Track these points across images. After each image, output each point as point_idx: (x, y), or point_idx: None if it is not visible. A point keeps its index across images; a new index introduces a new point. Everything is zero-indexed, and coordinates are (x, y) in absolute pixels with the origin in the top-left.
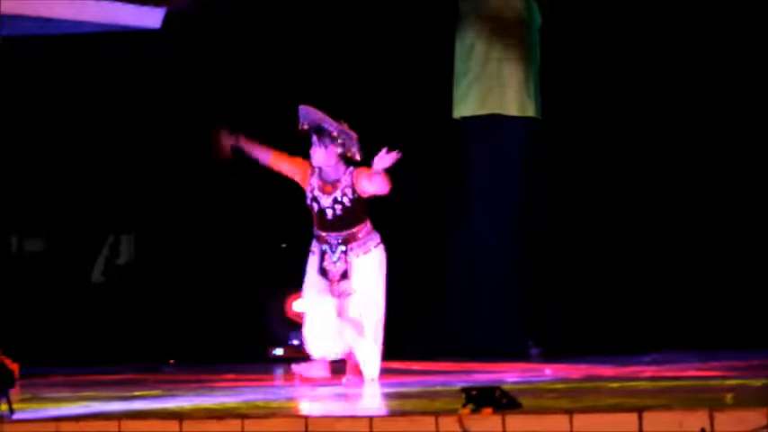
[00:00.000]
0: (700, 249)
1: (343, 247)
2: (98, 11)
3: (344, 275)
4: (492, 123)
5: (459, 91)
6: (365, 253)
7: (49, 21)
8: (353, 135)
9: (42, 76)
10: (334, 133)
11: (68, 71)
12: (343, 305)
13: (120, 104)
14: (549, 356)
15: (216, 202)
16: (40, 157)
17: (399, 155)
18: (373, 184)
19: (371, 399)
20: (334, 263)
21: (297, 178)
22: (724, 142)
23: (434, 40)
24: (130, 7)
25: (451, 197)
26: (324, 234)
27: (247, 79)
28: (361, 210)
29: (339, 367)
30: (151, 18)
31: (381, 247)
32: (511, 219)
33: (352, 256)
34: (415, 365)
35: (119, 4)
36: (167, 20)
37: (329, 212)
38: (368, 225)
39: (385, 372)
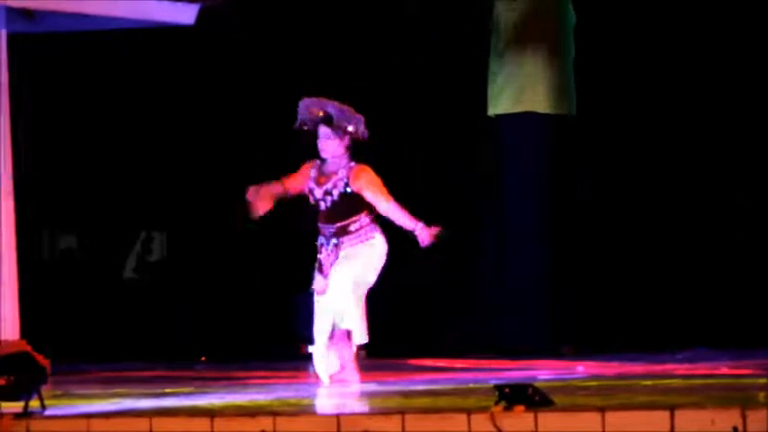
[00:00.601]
0: (733, 246)
1: (335, 240)
2: (132, 7)
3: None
4: (526, 121)
5: (493, 88)
6: (354, 246)
7: (83, 17)
8: (362, 118)
9: (77, 73)
10: (350, 126)
11: (103, 68)
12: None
13: (155, 101)
14: (582, 354)
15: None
16: (72, 153)
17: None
18: (389, 213)
19: (403, 396)
20: (328, 255)
21: (303, 184)
22: (760, 138)
23: (470, 38)
24: (164, 3)
25: (485, 194)
26: (320, 226)
27: (281, 76)
28: (354, 204)
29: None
30: (185, 14)
31: (379, 241)
32: (543, 216)
33: (341, 249)
34: (448, 363)
35: (153, 0)
36: (201, 16)
37: (322, 204)
38: (363, 219)
39: (416, 369)
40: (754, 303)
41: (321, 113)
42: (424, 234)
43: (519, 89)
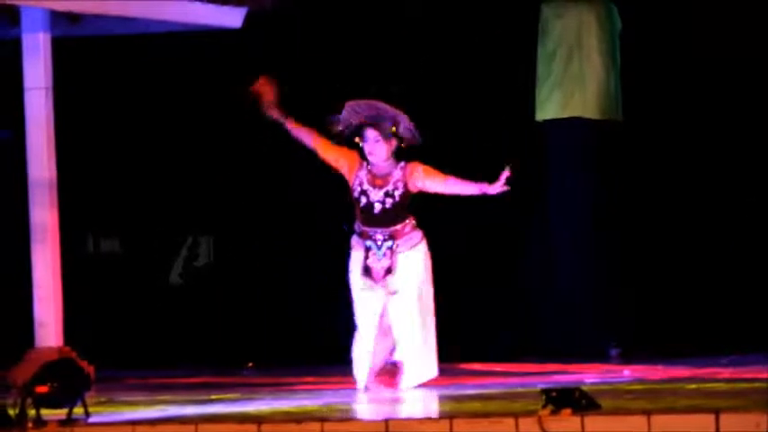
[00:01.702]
0: None
1: (389, 243)
2: (179, 10)
3: (388, 272)
4: (574, 126)
5: (541, 94)
6: (411, 248)
7: (128, 20)
8: (412, 124)
9: (124, 76)
10: (404, 126)
11: (150, 70)
12: (389, 304)
13: (201, 105)
14: (628, 357)
15: (298, 203)
16: (117, 156)
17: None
18: (453, 187)
19: (451, 401)
20: (379, 260)
21: (344, 170)
22: None
23: (518, 44)
24: (211, 6)
25: (532, 198)
26: (368, 230)
27: (328, 80)
28: (408, 205)
29: None
30: (232, 17)
31: (426, 243)
32: (590, 220)
33: (398, 252)
34: (495, 367)
35: (199, 3)
36: (248, 19)
37: (377, 207)
38: (412, 221)
39: (465, 373)
40: None
41: (370, 117)
42: (494, 189)
43: (566, 94)
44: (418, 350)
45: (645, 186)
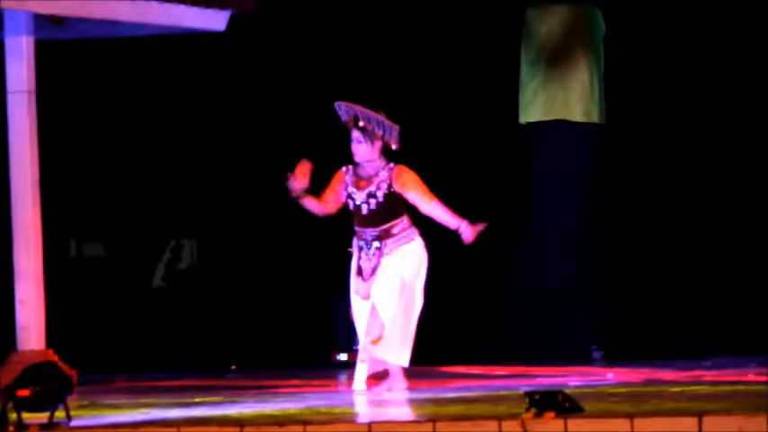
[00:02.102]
0: (760, 253)
1: (377, 244)
2: (163, 13)
3: (374, 271)
4: (557, 129)
5: (524, 97)
6: (400, 247)
7: (113, 23)
8: (396, 127)
9: (106, 79)
10: (379, 131)
11: (132, 73)
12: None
13: (184, 108)
14: (612, 360)
15: (280, 206)
16: (100, 160)
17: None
18: (434, 211)
19: (434, 403)
20: (369, 260)
21: (342, 192)
22: None
23: (501, 47)
24: (195, 10)
25: (517, 202)
26: (360, 230)
27: (312, 82)
28: (397, 205)
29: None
30: (216, 20)
31: (419, 243)
32: (574, 224)
33: (385, 253)
34: (479, 369)
35: (183, 6)
36: (232, 22)
37: (364, 207)
38: (405, 221)
39: (448, 376)
40: None
41: (352, 117)
42: (468, 232)
43: (550, 98)
44: (397, 330)
45: (628, 189)
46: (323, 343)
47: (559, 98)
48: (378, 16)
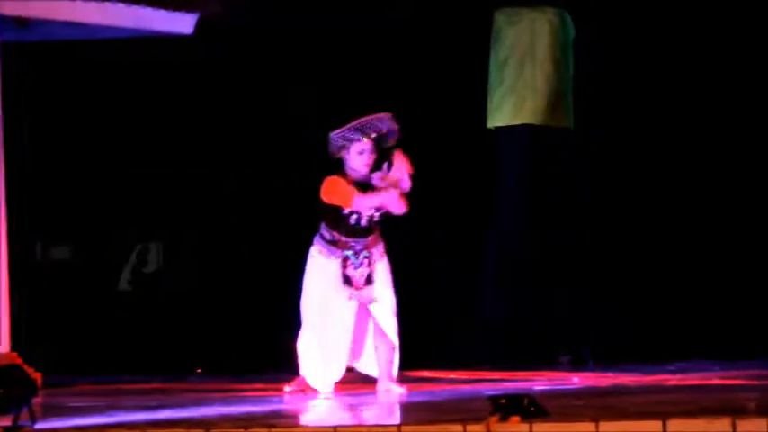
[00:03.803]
0: (724, 258)
1: (365, 253)
2: (129, 16)
3: (368, 281)
4: (525, 133)
5: (493, 101)
6: (382, 255)
7: (79, 25)
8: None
9: (71, 82)
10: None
11: (98, 77)
12: (372, 311)
13: (150, 111)
14: (577, 365)
15: (246, 209)
16: (66, 163)
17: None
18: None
19: (400, 407)
20: (357, 268)
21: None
22: (760, 150)
23: (470, 51)
24: (162, 12)
25: (485, 206)
26: (349, 240)
27: (280, 86)
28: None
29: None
30: (183, 23)
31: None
32: (541, 227)
33: (374, 261)
34: (444, 374)
35: (150, 9)
36: (199, 25)
37: (364, 220)
38: (378, 229)
39: (413, 380)
40: (744, 315)
41: (364, 133)
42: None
43: (518, 101)
44: (395, 350)
45: (595, 194)
46: (287, 347)
47: (528, 102)
48: (346, 20)
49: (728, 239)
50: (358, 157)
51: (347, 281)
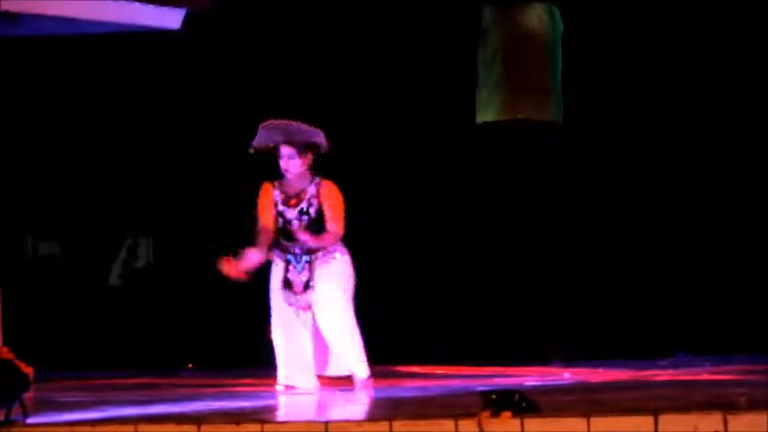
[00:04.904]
0: (714, 254)
1: (306, 257)
2: (117, 11)
3: (307, 286)
4: (514, 128)
5: (481, 97)
6: (330, 260)
7: (67, 20)
8: (320, 131)
9: (60, 77)
10: (315, 139)
11: (86, 72)
12: (311, 316)
13: (140, 106)
14: (568, 360)
15: (234, 204)
16: (56, 158)
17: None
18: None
19: (391, 402)
20: (299, 273)
21: (270, 207)
22: (746, 145)
23: (459, 46)
24: (150, 8)
25: (474, 202)
26: (288, 244)
27: (264, 82)
28: (324, 220)
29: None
30: (171, 19)
31: (347, 257)
32: (531, 223)
33: (316, 266)
34: (435, 369)
35: (138, 4)
36: (187, 21)
37: (295, 223)
38: None
39: (405, 376)
40: (733, 311)
41: (283, 135)
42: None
43: (507, 97)
44: (350, 344)
45: (585, 188)
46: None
47: (517, 98)
48: (334, 15)
49: (718, 236)
50: (279, 161)
51: (287, 285)
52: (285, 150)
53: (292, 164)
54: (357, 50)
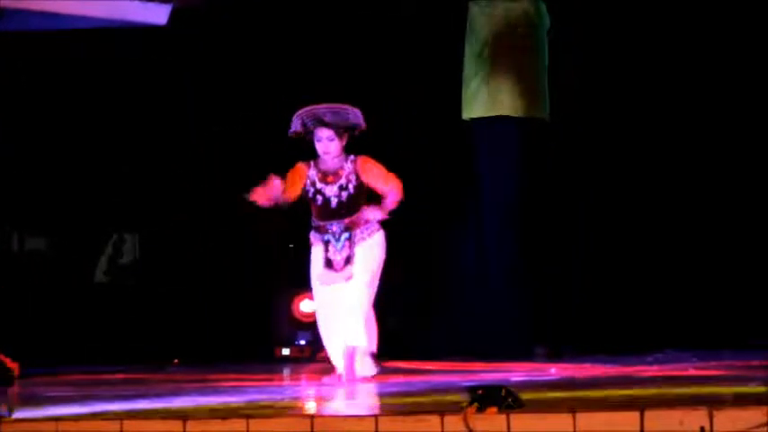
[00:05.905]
0: (700, 250)
1: (346, 234)
2: (104, 6)
3: (348, 261)
4: (501, 124)
5: (468, 92)
6: (369, 236)
7: (53, 16)
8: (357, 111)
9: (47, 73)
10: (351, 121)
11: (73, 68)
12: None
13: (126, 102)
14: (554, 356)
15: (223, 200)
16: (42, 154)
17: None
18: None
19: (377, 398)
20: (339, 251)
21: (299, 185)
22: (726, 142)
23: (444, 41)
24: (137, 3)
25: (460, 197)
26: (325, 224)
27: (253, 78)
28: (364, 196)
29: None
30: (157, 14)
31: (383, 235)
32: (517, 219)
33: (356, 242)
34: (421, 365)
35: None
36: (174, 16)
37: (334, 201)
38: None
39: (391, 371)
40: (720, 306)
41: (317, 120)
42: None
43: (493, 92)
44: (360, 316)
45: (571, 184)
46: (264, 338)
47: (503, 93)
48: (322, 10)
49: (705, 232)
50: (316, 144)
51: (329, 264)
52: (325, 133)
53: (333, 145)
54: (345, 45)
